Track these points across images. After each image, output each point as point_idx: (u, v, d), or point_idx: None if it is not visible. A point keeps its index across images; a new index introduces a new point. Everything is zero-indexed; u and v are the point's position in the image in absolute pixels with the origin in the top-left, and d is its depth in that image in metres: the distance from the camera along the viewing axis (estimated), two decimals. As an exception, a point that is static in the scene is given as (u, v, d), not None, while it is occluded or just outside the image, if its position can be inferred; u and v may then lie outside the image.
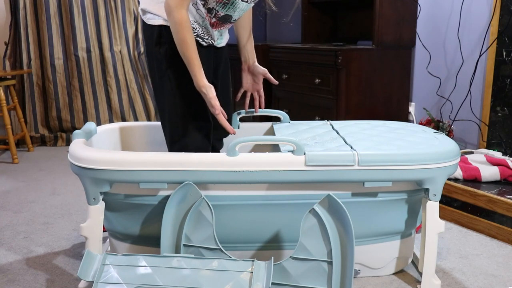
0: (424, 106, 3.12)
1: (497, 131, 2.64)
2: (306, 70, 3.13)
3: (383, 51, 2.98)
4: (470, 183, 2.23)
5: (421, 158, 1.53)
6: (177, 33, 1.55)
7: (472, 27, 2.77)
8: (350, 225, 1.40)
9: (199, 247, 1.50)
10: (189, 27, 1.56)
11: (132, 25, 3.84)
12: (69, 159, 1.58)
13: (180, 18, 1.54)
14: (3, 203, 2.51)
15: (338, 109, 2.92)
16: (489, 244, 2.02)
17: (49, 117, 3.76)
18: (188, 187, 1.50)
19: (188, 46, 1.56)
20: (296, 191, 1.57)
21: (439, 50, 3.01)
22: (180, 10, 1.54)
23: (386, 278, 1.74)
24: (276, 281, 1.45)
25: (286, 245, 1.65)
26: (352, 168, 1.51)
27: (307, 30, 3.63)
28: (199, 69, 1.58)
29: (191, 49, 1.57)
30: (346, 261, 1.42)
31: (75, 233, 2.13)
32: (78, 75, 3.74)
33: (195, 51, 1.57)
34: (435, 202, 1.58)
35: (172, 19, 1.55)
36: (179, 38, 1.56)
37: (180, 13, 1.54)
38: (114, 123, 2.00)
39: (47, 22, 3.64)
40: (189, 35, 1.56)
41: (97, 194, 1.54)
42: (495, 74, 2.63)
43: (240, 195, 1.57)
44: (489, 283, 1.71)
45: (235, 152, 1.52)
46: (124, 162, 1.50)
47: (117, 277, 1.39)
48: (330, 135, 1.77)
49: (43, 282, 1.73)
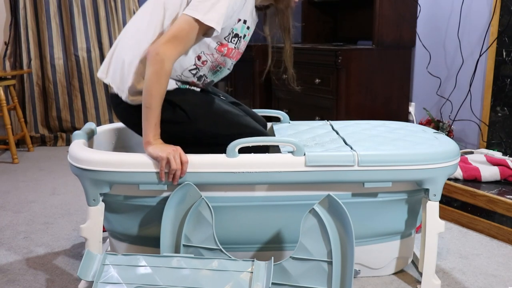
0: (424, 106, 3.12)
1: (497, 131, 2.64)
2: (306, 70, 3.13)
3: (383, 51, 2.98)
4: (470, 183, 2.23)
5: (421, 158, 1.53)
6: (157, 84, 1.46)
7: (472, 27, 2.77)
8: (350, 225, 1.40)
9: (199, 247, 1.50)
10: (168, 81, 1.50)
11: (132, 25, 3.84)
12: (69, 160, 1.58)
13: (169, 71, 1.47)
14: (3, 203, 2.51)
15: (338, 109, 2.92)
16: (489, 244, 2.02)
17: (49, 117, 3.76)
18: (187, 188, 1.50)
19: (160, 99, 1.48)
20: (296, 192, 1.57)
21: (439, 50, 3.00)
22: (172, 62, 1.48)
23: (386, 278, 1.74)
24: (276, 281, 1.45)
25: (286, 246, 1.65)
26: (352, 168, 1.51)
27: (307, 30, 3.63)
28: (155, 126, 1.50)
29: (159, 103, 1.49)
30: (346, 261, 1.42)
31: (75, 233, 2.13)
32: (78, 75, 3.74)
33: (160, 108, 1.50)
34: (435, 202, 1.58)
35: (160, 69, 1.45)
36: (155, 90, 1.46)
37: (171, 65, 1.48)
38: (114, 123, 2.00)
39: (47, 22, 3.64)
40: (165, 90, 1.49)
41: (97, 195, 1.54)
42: (495, 74, 2.63)
43: (240, 196, 1.57)
44: (489, 283, 1.71)
45: (234, 153, 1.52)
46: (124, 164, 1.50)
47: (117, 277, 1.39)
48: (330, 136, 1.77)
49: (43, 282, 1.73)
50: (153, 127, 1.50)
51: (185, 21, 1.49)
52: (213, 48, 1.62)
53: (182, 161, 1.47)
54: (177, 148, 1.49)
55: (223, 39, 1.61)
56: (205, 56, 1.63)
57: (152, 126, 1.50)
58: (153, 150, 1.48)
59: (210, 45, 1.61)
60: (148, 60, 1.47)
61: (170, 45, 1.47)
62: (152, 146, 1.49)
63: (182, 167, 1.48)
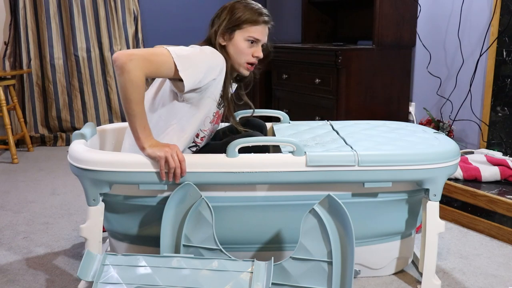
0: (424, 106, 3.12)
1: (497, 131, 2.64)
2: (306, 70, 3.13)
3: (383, 51, 2.98)
4: (470, 183, 2.23)
5: (421, 158, 1.53)
6: (135, 89, 1.43)
7: (472, 27, 2.77)
8: (350, 226, 1.40)
9: (199, 247, 1.50)
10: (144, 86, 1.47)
11: (132, 25, 3.84)
12: (68, 160, 1.57)
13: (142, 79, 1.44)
14: (3, 203, 2.51)
15: (338, 109, 2.92)
16: (490, 244, 2.01)
17: (49, 117, 3.76)
18: (187, 188, 1.50)
19: (141, 104, 1.46)
20: (296, 192, 1.57)
21: (439, 50, 3.00)
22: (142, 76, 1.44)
23: (386, 278, 1.74)
24: (276, 281, 1.45)
25: (286, 246, 1.65)
26: (353, 168, 1.51)
27: (307, 30, 3.63)
28: (144, 129, 1.49)
29: (141, 108, 1.47)
30: (346, 262, 1.42)
31: (75, 233, 2.13)
32: (78, 75, 3.74)
33: (144, 111, 1.49)
34: (435, 202, 1.58)
35: (134, 76, 1.41)
36: (133, 95, 1.44)
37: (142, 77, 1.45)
38: (114, 123, 1.99)
39: (47, 22, 3.64)
40: (143, 94, 1.47)
41: (96, 195, 1.54)
42: (496, 74, 2.62)
43: (240, 196, 1.57)
44: (490, 283, 1.71)
45: (235, 153, 1.52)
46: (124, 164, 1.49)
47: (117, 277, 1.39)
48: (330, 136, 1.77)
49: (43, 282, 1.73)
50: (143, 130, 1.49)
51: (164, 54, 1.50)
52: (209, 123, 1.70)
53: (180, 159, 1.48)
54: (174, 146, 1.49)
55: (216, 107, 1.69)
56: (203, 132, 1.70)
57: (141, 130, 1.49)
58: (151, 151, 1.48)
59: (205, 121, 1.68)
60: (119, 67, 1.42)
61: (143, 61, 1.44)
62: (148, 148, 1.49)
63: (181, 165, 1.48)
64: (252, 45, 1.67)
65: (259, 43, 1.69)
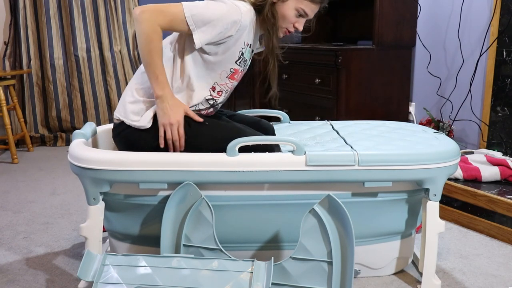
0: (424, 106, 3.12)
1: (497, 131, 2.64)
2: (306, 70, 3.13)
3: (383, 51, 2.98)
4: (470, 183, 2.23)
5: (421, 158, 1.53)
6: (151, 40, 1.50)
7: (472, 27, 2.77)
8: (350, 225, 1.40)
9: (199, 247, 1.50)
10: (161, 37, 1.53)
11: (132, 25, 3.84)
12: (69, 159, 1.57)
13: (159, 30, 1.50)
14: (3, 203, 2.51)
15: (338, 109, 2.92)
16: (490, 244, 2.01)
17: (49, 117, 3.76)
18: (188, 187, 1.50)
19: (159, 55, 1.52)
20: (296, 191, 1.57)
21: (439, 50, 3.00)
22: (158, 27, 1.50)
23: (386, 278, 1.74)
24: (276, 281, 1.45)
25: (286, 245, 1.65)
26: (353, 168, 1.51)
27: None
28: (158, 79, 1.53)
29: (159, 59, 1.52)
30: (346, 261, 1.42)
31: (75, 233, 2.13)
32: (78, 75, 3.74)
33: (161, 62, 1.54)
34: (435, 202, 1.58)
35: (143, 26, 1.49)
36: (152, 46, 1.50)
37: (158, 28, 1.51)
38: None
39: (47, 22, 3.64)
40: (160, 44, 1.53)
41: (97, 194, 1.54)
42: (496, 74, 2.62)
43: (240, 195, 1.57)
44: (490, 283, 1.71)
45: (235, 152, 1.52)
46: (124, 162, 1.49)
47: (117, 277, 1.39)
48: (330, 135, 1.77)
49: (43, 282, 1.73)
50: (155, 80, 1.52)
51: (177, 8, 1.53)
52: (225, 77, 1.67)
53: (179, 135, 1.54)
54: (180, 120, 1.53)
55: (235, 63, 1.66)
56: (219, 86, 1.68)
57: (154, 79, 1.53)
58: (161, 111, 1.53)
59: (221, 74, 1.66)
60: (135, 18, 1.52)
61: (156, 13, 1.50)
62: (161, 104, 1.53)
63: (179, 141, 1.54)
64: (299, 18, 1.69)
65: (305, 18, 1.71)
